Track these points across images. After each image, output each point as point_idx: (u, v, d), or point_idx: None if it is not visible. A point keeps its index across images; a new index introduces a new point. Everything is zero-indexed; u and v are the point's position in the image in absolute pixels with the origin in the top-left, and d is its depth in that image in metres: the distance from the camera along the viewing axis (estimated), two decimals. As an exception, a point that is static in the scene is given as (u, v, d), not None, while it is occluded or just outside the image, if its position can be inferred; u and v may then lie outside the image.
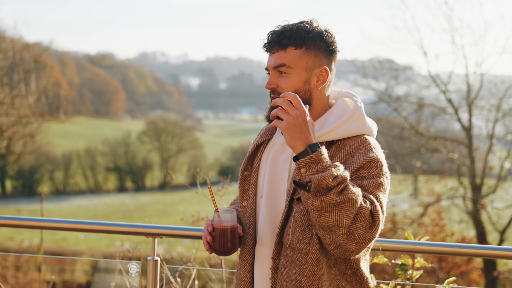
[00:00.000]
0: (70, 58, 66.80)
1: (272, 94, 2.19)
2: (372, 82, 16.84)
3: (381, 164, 2.10)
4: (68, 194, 42.66)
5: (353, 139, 2.15)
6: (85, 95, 65.79)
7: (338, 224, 1.93)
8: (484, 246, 3.03)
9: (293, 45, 2.15)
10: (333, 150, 2.14)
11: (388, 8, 35.09)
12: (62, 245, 21.93)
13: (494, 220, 15.66)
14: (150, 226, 2.87)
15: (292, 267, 2.10)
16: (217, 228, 2.20)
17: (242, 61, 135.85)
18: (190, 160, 47.45)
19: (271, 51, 2.19)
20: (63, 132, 48.89)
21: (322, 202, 1.92)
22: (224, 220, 2.19)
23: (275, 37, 2.17)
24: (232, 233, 2.19)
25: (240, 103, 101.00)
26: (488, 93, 16.45)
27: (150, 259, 2.81)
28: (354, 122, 2.17)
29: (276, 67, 2.17)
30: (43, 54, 20.92)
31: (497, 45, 29.97)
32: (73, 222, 2.80)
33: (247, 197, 2.29)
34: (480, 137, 16.69)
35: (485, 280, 14.21)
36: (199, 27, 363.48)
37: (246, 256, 2.25)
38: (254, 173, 2.29)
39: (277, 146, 2.26)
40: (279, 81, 2.18)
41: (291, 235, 2.10)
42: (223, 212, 2.20)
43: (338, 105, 2.24)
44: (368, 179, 2.05)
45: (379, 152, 2.14)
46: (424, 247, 2.86)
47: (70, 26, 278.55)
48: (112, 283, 3.25)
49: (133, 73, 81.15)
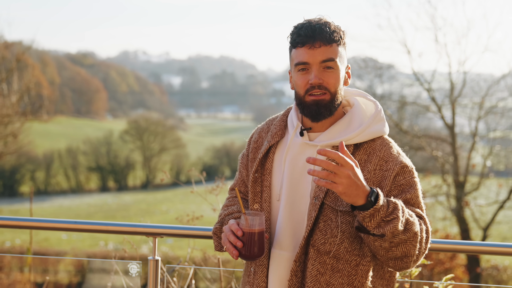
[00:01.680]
0: (51, 57, 66.26)
1: (317, 88, 2.13)
2: (356, 80, 16.91)
3: (412, 168, 2.16)
4: (50, 194, 42.35)
5: (379, 143, 2.17)
6: (66, 95, 65.32)
7: (406, 255, 2.02)
8: (468, 242, 3.07)
9: (336, 42, 2.14)
10: (361, 153, 2.15)
11: (372, 7, 35.33)
12: (45, 246, 21.76)
13: (477, 217, 15.80)
14: (151, 225, 2.85)
15: (335, 276, 2.10)
16: (245, 233, 2.09)
17: (224, 59, 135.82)
18: (172, 159, 47.34)
19: (315, 45, 2.12)
20: (44, 132, 48.49)
21: (392, 243, 1.98)
22: (253, 224, 2.09)
23: (320, 32, 2.13)
24: (260, 237, 2.10)
25: (222, 102, 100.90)
26: (471, 91, 16.60)
27: (151, 258, 2.79)
28: (377, 124, 2.19)
29: (325, 61, 2.12)
30: (25, 53, 20.71)
31: (480, 44, 30.19)
32: (73, 222, 2.77)
33: (259, 200, 2.24)
34: (463, 135, 16.83)
35: (469, 277, 14.32)
36: (181, 26, 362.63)
37: (263, 260, 2.20)
38: (268, 175, 2.24)
39: (295, 148, 2.22)
40: (325, 76, 2.13)
41: (338, 244, 2.10)
42: (250, 215, 2.11)
43: (356, 106, 2.24)
44: (408, 189, 2.11)
45: (404, 154, 2.21)
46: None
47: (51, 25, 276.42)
48: (109, 283, 3.22)
49: (114, 72, 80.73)
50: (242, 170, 2.40)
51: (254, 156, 2.33)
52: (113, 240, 21.87)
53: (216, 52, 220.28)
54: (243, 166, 2.40)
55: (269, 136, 2.30)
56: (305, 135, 2.21)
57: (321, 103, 2.13)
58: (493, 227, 17.00)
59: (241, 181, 2.41)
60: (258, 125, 2.45)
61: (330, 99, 2.14)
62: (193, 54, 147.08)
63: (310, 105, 2.14)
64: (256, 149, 2.34)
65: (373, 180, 2.11)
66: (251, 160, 2.34)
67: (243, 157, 2.41)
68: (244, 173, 2.39)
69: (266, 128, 2.37)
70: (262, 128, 2.39)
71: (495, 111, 16.47)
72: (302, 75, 2.15)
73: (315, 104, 2.13)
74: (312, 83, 2.12)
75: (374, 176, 2.11)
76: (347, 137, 2.14)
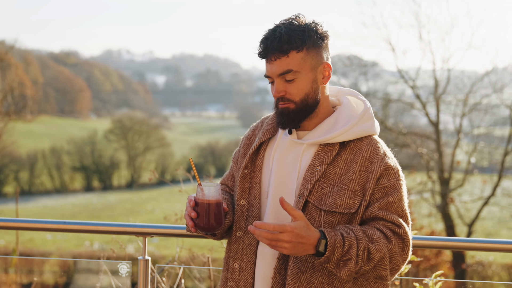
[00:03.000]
0: (34, 57, 65.74)
1: (281, 101, 2.14)
2: (341, 78, 16.96)
3: (397, 170, 2.16)
4: (34, 194, 42.05)
5: (366, 142, 2.17)
6: (50, 94, 64.86)
7: (378, 276, 2.08)
8: (453, 238, 3.09)
9: (294, 49, 2.09)
10: (347, 152, 2.15)
11: (356, 5, 35.51)
12: (30, 246, 21.61)
13: (462, 213, 15.92)
14: (141, 225, 2.84)
15: (316, 275, 2.10)
16: (201, 203, 2.07)
17: (208, 58, 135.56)
18: (157, 158, 47.23)
19: (271, 58, 2.11)
20: (27, 132, 48.15)
21: (358, 273, 2.05)
22: (208, 195, 2.07)
23: (274, 44, 2.09)
24: (218, 208, 2.08)
25: (207, 101, 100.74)
26: (455, 88, 16.71)
27: (141, 258, 2.78)
28: (365, 122, 2.18)
29: (282, 74, 2.11)
30: (8, 53, 20.55)
31: (463, 41, 30.35)
32: (61, 223, 2.75)
33: (246, 196, 2.24)
34: (448, 132, 16.95)
35: (454, 273, 14.42)
36: (164, 25, 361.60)
37: (251, 256, 2.20)
38: (258, 171, 2.25)
39: (284, 145, 2.23)
40: (287, 88, 2.12)
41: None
42: (206, 186, 2.08)
43: (345, 104, 2.24)
44: (392, 192, 2.11)
45: (391, 155, 2.20)
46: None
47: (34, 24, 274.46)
48: (98, 283, 3.20)
49: (98, 71, 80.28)
50: (233, 165, 2.41)
51: (245, 151, 2.34)
52: (99, 240, 21.76)
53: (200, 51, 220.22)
54: (234, 161, 2.41)
55: (260, 133, 2.31)
56: (293, 133, 2.22)
57: (284, 112, 2.14)
58: (478, 223, 17.13)
59: (231, 175, 2.42)
60: (244, 123, 2.46)
61: (295, 108, 2.14)
62: (177, 53, 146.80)
63: (278, 113, 2.17)
64: (248, 146, 2.35)
65: (358, 181, 2.11)
66: (241, 156, 2.35)
67: (235, 153, 2.43)
68: (234, 168, 2.40)
69: (259, 126, 2.39)
70: (256, 126, 2.41)
71: (479, 108, 16.61)
72: (271, 86, 2.19)
73: (281, 112, 2.16)
74: (274, 96, 2.15)
75: (359, 177, 2.12)
76: (332, 134, 2.14)
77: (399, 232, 2.07)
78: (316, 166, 2.13)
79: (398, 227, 2.08)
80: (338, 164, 2.14)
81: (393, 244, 2.05)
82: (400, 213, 2.12)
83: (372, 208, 2.10)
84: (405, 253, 2.09)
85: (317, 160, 2.14)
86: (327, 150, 2.15)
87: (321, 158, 2.14)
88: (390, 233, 2.07)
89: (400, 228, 2.08)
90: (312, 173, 2.12)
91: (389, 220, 2.08)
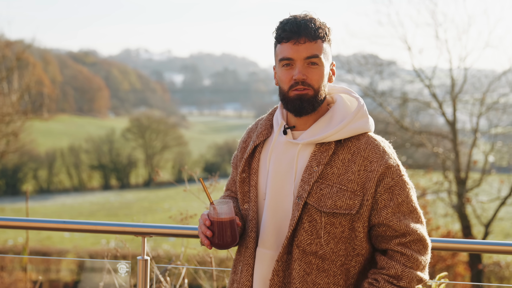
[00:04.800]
0: (53, 56, 66.23)
1: (301, 85, 2.12)
2: (357, 77, 16.88)
3: (397, 166, 2.16)
4: (53, 192, 42.35)
5: (364, 141, 2.15)
6: (68, 93, 65.29)
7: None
8: (468, 241, 3.03)
9: (321, 38, 2.12)
10: (345, 152, 2.13)
11: (372, 3, 35.31)
12: (47, 244, 21.76)
13: (479, 213, 15.76)
14: (139, 225, 2.83)
15: (321, 276, 2.11)
16: (214, 222, 2.11)
17: (226, 57, 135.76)
18: (174, 157, 47.31)
19: (299, 40, 2.11)
20: (46, 130, 48.50)
21: None
22: (221, 213, 2.10)
23: (306, 27, 2.11)
24: (231, 225, 2.11)
25: (224, 100, 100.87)
26: (472, 87, 16.55)
27: (140, 258, 2.77)
28: (359, 120, 2.17)
29: (309, 57, 2.11)
30: (25, 51, 20.70)
31: (481, 39, 30.05)
32: (61, 222, 2.75)
33: (248, 199, 2.24)
34: (464, 131, 16.79)
35: (471, 273, 14.30)
36: (182, 24, 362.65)
37: (248, 259, 2.20)
38: (254, 174, 2.24)
39: (280, 147, 2.21)
40: (308, 73, 2.12)
41: (324, 245, 2.10)
42: (219, 204, 2.12)
43: (339, 102, 2.22)
44: (399, 191, 2.12)
45: (390, 151, 2.19)
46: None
47: (53, 24, 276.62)
48: (101, 282, 3.20)
49: (116, 70, 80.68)
50: (233, 170, 2.42)
51: (242, 155, 2.34)
52: (115, 239, 21.84)
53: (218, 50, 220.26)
54: (234, 166, 2.41)
55: (254, 136, 2.30)
56: (288, 133, 2.20)
57: (304, 97, 2.12)
58: (495, 224, 16.94)
59: (233, 180, 2.43)
60: None
61: (313, 95, 2.13)
62: (195, 52, 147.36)
63: (293, 99, 2.13)
64: (244, 149, 2.35)
65: (358, 182, 2.10)
66: (239, 160, 2.35)
67: (234, 157, 2.42)
68: (234, 173, 2.40)
69: (254, 128, 2.38)
70: (251, 128, 2.40)
71: (496, 107, 16.42)
72: (287, 70, 2.14)
73: (298, 98, 2.12)
74: (296, 79, 2.11)
75: (358, 177, 2.10)
76: (327, 133, 2.12)
77: (418, 236, 2.13)
78: (314, 167, 2.11)
79: (408, 248, 2.11)
80: (336, 164, 2.12)
81: (411, 277, 2.10)
82: (411, 209, 2.13)
83: (386, 213, 2.10)
84: (426, 252, 2.15)
85: (314, 160, 2.12)
86: (323, 150, 2.13)
87: (318, 158, 2.12)
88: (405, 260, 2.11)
89: (420, 244, 2.13)
90: (310, 174, 2.11)
91: (401, 231, 2.11)
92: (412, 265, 2.10)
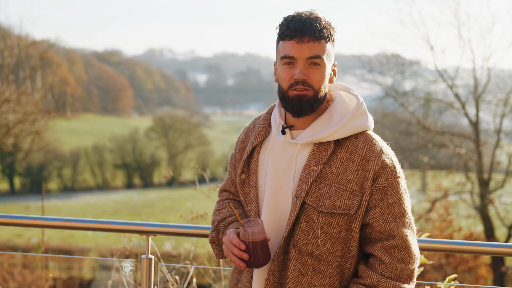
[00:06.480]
0: (78, 55, 66.89)
1: (301, 85, 2.09)
2: (379, 77, 16.75)
3: (394, 166, 2.12)
4: (77, 191, 42.76)
5: (362, 140, 2.12)
6: (93, 92, 65.88)
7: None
8: (490, 243, 2.98)
9: (325, 38, 2.09)
10: (343, 151, 2.11)
11: (394, 3, 35.00)
12: (70, 242, 21.97)
13: (502, 215, 15.57)
14: (144, 223, 2.83)
15: (317, 277, 2.09)
16: (247, 242, 2.07)
17: (249, 57, 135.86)
18: (197, 156, 47.45)
19: (303, 40, 2.08)
20: (71, 129, 48.99)
21: None
22: (253, 233, 2.07)
23: (308, 26, 2.08)
24: (264, 244, 2.08)
25: (248, 99, 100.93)
26: (496, 87, 16.34)
27: (144, 257, 2.77)
28: (358, 118, 2.14)
29: (312, 57, 2.08)
30: (49, 51, 20.91)
31: (505, 39, 29.75)
32: (66, 220, 2.76)
33: (249, 201, 2.22)
34: (488, 132, 16.59)
35: (493, 276, 14.13)
36: (206, 23, 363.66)
37: None
38: (253, 175, 2.22)
39: (278, 147, 2.18)
40: (310, 73, 2.09)
41: (320, 246, 2.08)
42: (249, 224, 2.08)
43: (338, 101, 2.19)
44: (391, 191, 2.08)
45: (388, 151, 2.16)
46: (428, 244, 2.84)
47: (77, 23, 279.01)
48: (109, 281, 3.21)
49: (140, 70, 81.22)
50: (231, 170, 2.39)
51: (240, 156, 2.31)
52: (137, 237, 21.96)
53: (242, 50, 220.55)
54: (232, 167, 2.38)
55: (252, 137, 2.27)
56: (287, 133, 2.18)
57: (303, 98, 2.09)
58: (519, 226, 16.72)
59: (231, 181, 2.40)
60: (246, 125, 2.42)
61: (313, 96, 2.10)
62: (219, 52, 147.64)
63: (292, 99, 2.10)
64: (243, 150, 2.32)
65: (356, 181, 2.07)
66: (238, 161, 2.32)
67: (232, 157, 2.39)
68: (233, 174, 2.37)
69: (251, 128, 2.35)
70: (249, 128, 2.36)
71: (520, 108, 16.21)
72: (288, 68, 2.11)
73: (297, 99, 2.09)
74: (296, 79, 2.08)
75: (356, 176, 2.07)
76: (326, 133, 2.09)
77: (396, 252, 2.07)
78: (312, 166, 2.09)
79: (394, 247, 2.06)
80: (334, 164, 2.09)
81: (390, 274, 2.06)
82: (402, 213, 2.08)
83: (374, 213, 2.06)
84: (410, 262, 2.09)
85: (313, 160, 2.10)
86: (322, 149, 2.10)
87: (317, 157, 2.10)
88: (388, 259, 2.06)
89: (405, 253, 2.08)
90: (308, 174, 2.08)
91: (385, 233, 2.07)
92: (390, 274, 2.05)
